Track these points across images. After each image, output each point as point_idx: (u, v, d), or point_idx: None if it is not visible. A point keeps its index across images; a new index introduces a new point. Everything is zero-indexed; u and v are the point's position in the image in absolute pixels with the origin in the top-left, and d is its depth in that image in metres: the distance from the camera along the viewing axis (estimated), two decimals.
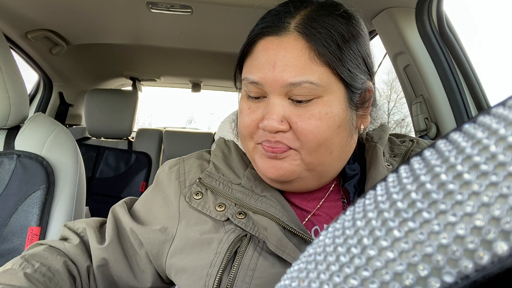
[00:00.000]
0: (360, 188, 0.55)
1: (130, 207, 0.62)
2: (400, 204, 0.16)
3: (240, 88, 0.56)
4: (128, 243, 0.58)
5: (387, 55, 1.24)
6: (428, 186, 0.16)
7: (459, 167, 0.15)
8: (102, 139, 1.98)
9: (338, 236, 0.18)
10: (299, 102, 0.47)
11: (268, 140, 0.48)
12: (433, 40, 1.06)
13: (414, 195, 0.16)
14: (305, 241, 0.49)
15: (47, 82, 1.87)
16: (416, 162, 0.17)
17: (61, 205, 0.83)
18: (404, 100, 1.29)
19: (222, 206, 0.53)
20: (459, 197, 0.15)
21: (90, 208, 1.78)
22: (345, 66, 0.48)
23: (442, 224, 0.15)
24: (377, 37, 1.23)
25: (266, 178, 0.53)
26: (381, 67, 1.32)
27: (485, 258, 0.13)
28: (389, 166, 0.55)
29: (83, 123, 2.17)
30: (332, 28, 0.48)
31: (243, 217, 0.51)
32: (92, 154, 1.88)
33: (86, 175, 1.19)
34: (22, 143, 0.85)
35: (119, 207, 0.61)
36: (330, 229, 0.19)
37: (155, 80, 2.31)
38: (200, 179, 0.57)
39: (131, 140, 2.01)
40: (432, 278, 0.14)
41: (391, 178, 0.18)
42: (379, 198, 0.17)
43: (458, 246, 0.14)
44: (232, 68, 0.57)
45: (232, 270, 0.48)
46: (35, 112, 1.17)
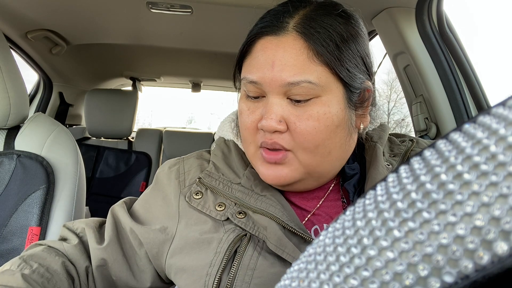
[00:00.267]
0: (359, 188, 0.55)
1: (130, 207, 0.62)
2: (400, 204, 0.16)
3: (240, 88, 0.56)
4: (128, 243, 0.58)
5: (387, 55, 1.24)
6: (428, 186, 0.16)
7: (459, 167, 0.15)
8: (102, 139, 1.98)
9: (338, 236, 0.18)
10: (298, 101, 0.47)
11: (266, 142, 0.48)
12: (433, 40, 1.06)
13: (414, 195, 0.16)
14: (305, 240, 0.49)
15: (47, 82, 1.87)
16: (416, 162, 0.17)
17: (61, 205, 0.83)
18: (404, 100, 1.28)
19: (222, 206, 0.53)
20: (459, 197, 0.15)
21: (90, 208, 1.78)
22: (343, 65, 0.48)
23: (442, 224, 0.15)
24: (377, 37, 1.23)
25: (267, 182, 0.53)
26: (381, 67, 1.32)
27: (485, 258, 0.13)
28: (389, 165, 0.55)
29: (83, 123, 2.17)
30: (330, 27, 0.48)
31: (243, 216, 0.51)
32: (92, 154, 1.88)
33: (86, 175, 1.19)
34: (22, 143, 0.85)
35: (119, 207, 0.60)
36: (330, 229, 0.19)
37: (155, 80, 2.31)
38: (200, 178, 0.57)
39: (131, 140, 2.01)
40: (432, 278, 0.14)
41: (391, 178, 0.18)
42: (379, 198, 0.17)
43: (458, 246, 0.14)
44: (232, 68, 0.57)
45: (232, 270, 0.47)
46: (35, 112, 1.17)
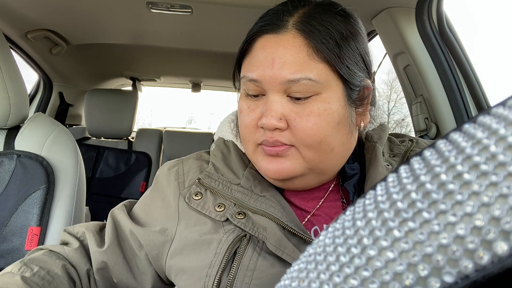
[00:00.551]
0: (359, 188, 0.55)
1: (130, 210, 0.62)
2: (400, 204, 0.16)
3: (239, 88, 0.56)
4: (128, 245, 0.58)
5: (387, 55, 1.24)
6: (428, 186, 0.16)
7: (459, 167, 0.15)
8: (102, 139, 1.98)
9: (338, 236, 0.18)
10: (298, 99, 0.47)
11: (267, 141, 0.48)
12: (433, 40, 1.06)
13: (414, 195, 0.16)
14: (304, 241, 0.49)
15: (47, 82, 1.87)
16: (416, 162, 0.17)
17: (61, 205, 0.83)
18: (404, 100, 1.28)
19: (222, 207, 0.53)
20: (459, 197, 0.15)
21: (90, 208, 1.78)
22: (343, 62, 0.48)
23: (442, 224, 0.15)
24: (377, 37, 1.23)
25: (268, 177, 0.53)
26: (381, 67, 1.32)
27: (485, 258, 0.13)
28: (388, 166, 0.55)
29: (83, 123, 2.17)
30: (330, 25, 0.48)
31: (242, 217, 0.51)
32: (92, 154, 1.88)
33: (86, 175, 1.19)
34: (22, 143, 0.85)
35: (118, 210, 0.60)
36: (330, 229, 0.19)
37: (155, 80, 2.31)
38: (199, 179, 0.57)
39: (131, 140, 2.01)
40: (432, 278, 0.14)
41: (391, 178, 0.18)
42: (379, 198, 0.17)
43: (458, 246, 0.14)
44: (232, 68, 0.57)
45: (232, 271, 0.47)
46: (35, 112, 1.17)
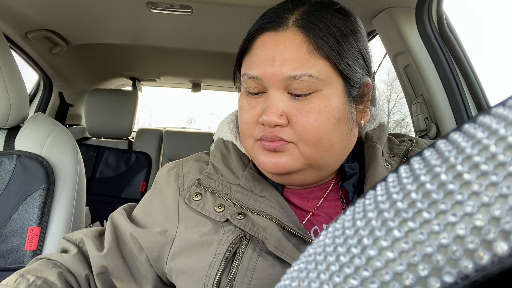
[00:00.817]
0: (359, 188, 0.55)
1: (130, 214, 0.62)
2: (400, 204, 0.16)
3: (240, 87, 0.56)
4: (128, 249, 0.57)
5: (387, 55, 1.24)
6: (428, 186, 0.16)
7: (459, 167, 0.15)
8: (102, 139, 1.98)
9: (338, 236, 0.18)
10: (298, 96, 0.48)
11: (266, 136, 0.48)
12: (433, 40, 1.06)
13: (414, 195, 0.16)
14: (304, 241, 0.49)
15: (47, 82, 1.87)
16: (416, 162, 0.17)
17: (61, 205, 0.83)
18: (404, 100, 1.28)
19: (221, 207, 0.53)
20: (459, 197, 0.15)
21: (90, 208, 1.78)
22: (343, 59, 0.48)
23: (442, 224, 0.15)
24: (377, 37, 1.23)
25: (266, 172, 0.53)
26: (381, 67, 1.32)
27: (485, 258, 0.13)
28: (388, 166, 0.55)
29: (83, 123, 2.17)
30: (330, 23, 0.48)
31: (242, 217, 0.51)
32: (92, 154, 1.88)
33: (86, 175, 1.19)
34: (22, 143, 0.85)
35: (118, 214, 0.60)
36: (330, 229, 0.19)
37: (155, 80, 2.31)
38: (199, 180, 0.57)
39: (131, 140, 2.01)
40: (432, 278, 0.14)
41: (391, 178, 0.18)
42: (379, 198, 0.17)
43: (458, 246, 0.14)
44: (232, 68, 0.57)
45: (231, 271, 0.47)
46: (35, 112, 1.17)
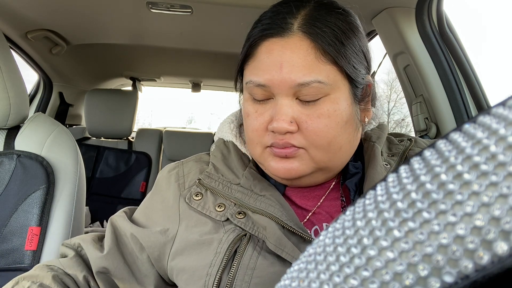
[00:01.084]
0: (360, 187, 0.55)
1: (130, 216, 0.62)
2: (400, 204, 0.16)
3: (241, 89, 0.56)
4: (128, 249, 0.57)
5: (387, 55, 1.24)
6: (428, 186, 0.16)
7: (459, 167, 0.15)
8: (102, 139, 1.98)
9: (338, 236, 0.18)
10: (307, 101, 0.48)
11: (277, 143, 0.48)
12: (433, 40, 1.06)
13: (414, 195, 0.16)
14: (304, 240, 0.49)
15: (47, 82, 1.87)
16: (416, 162, 0.17)
17: (61, 205, 0.83)
18: (404, 100, 1.28)
19: (222, 206, 0.53)
20: (459, 197, 0.15)
21: (90, 208, 1.78)
22: (350, 63, 0.48)
23: (442, 224, 0.15)
24: (377, 37, 1.23)
25: (276, 177, 0.53)
26: (381, 67, 1.32)
27: (485, 258, 0.13)
28: (387, 165, 0.55)
29: (83, 123, 2.17)
30: (335, 26, 0.48)
31: (242, 216, 0.51)
32: (92, 154, 1.88)
33: (86, 175, 1.19)
34: (22, 143, 0.85)
35: (117, 216, 0.61)
36: (330, 229, 0.19)
37: (155, 80, 2.31)
38: (199, 179, 0.57)
39: (131, 140, 2.01)
40: (432, 278, 0.14)
41: (391, 178, 0.18)
42: (379, 198, 0.17)
43: (458, 246, 0.14)
44: (232, 68, 0.57)
45: (232, 270, 0.47)
46: (35, 112, 1.16)
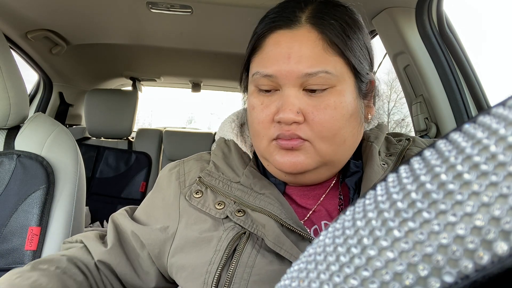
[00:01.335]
0: (359, 186, 0.56)
1: (131, 215, 0.62)
2: (400, 204, 0.16)
3: (246, 86, 0.56)
4: (130, 246, 0.58)
5: (387, 55, 1.24)
6: (428, 186, 0.16)
7: (459, 167, 0.15)
8: (102, 139, 1.98)
9: (338, 236, 0.18)
10: (314, 92, 0.48)
11: (283, 134, 0.49)
12: (433, 40, 1.06)
13: (414, 195, 0.16)
14: (303, 238, 0.49)
15: (47, 82, 1.87)
16: (416, 162, 0.17)
17: (61, 205, 0.83)
18: (404, 100, 1.28)
19: (222, 204, 0.53)
20: (459, 197, 0.15)
21: (90, 208, 1.78)
22: (355, 56, 0.49)
23: (442, 224, 0.15)
24: (377, 37, 1.23)
25: (280, 173, 0.53)
26: (381, 67, 1.32)
27: (485, 258, 0.13)
28: (384, 165, 0.56)
29: (83, 123, 2.17)
30: (341, 19, 0.50)
31: (242, 214, 0.51)
32: (92, 154, 1.88)
33: (86, 175, 1.19)
34: (22, 143, 0.85)
35: (119, 214, 0.61)
36: (330, 229, 0.19)
37: (155, 80, 2.31)
38: (200, 177, 0.57)
39: (131, 140, 2.01)
40: (432, 278, 0.14)
41: (391, 178, 0.18)
42: (379, 198, 0.17)
43: (458, 246, 0.14)
44: (232, 68, 0.58)
45: (231, 267, 0.48)
46: (35, 112, 1.16)
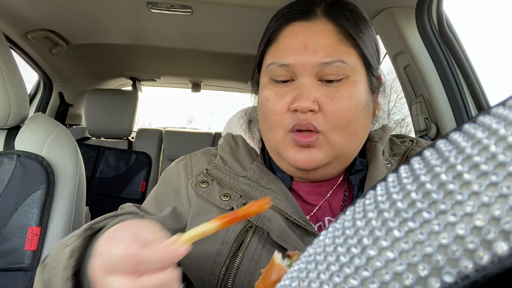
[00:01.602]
0: (363, 184, 0.56)
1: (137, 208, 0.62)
2: (400, 204, 0.16)
3: (257, 82, 0.57)
4: None
5: (387, 55, 1.24)
6: (428, 186, 0.16)
7: (459, 167, 0.15)
8: (102, 139, 1.98)
9: (338, 236, 0.18)
10: (329, 82, 0.49)
11: (299, 124, 0.49)
12: (433, 40, 1.06)
13: (414, 195, 0.16)
14: (308, 232, 0.50)
15: (47, 82, 1.87)
16: (416, 162, 0.17)
17: (61, 205, 0.83)
18: (404, 100, 1.28)
19: (227, 196, 0.54)
20: (459, 197, 0.15)
21: (90, 208, 1.77)
22: (368, 49, 0.52)
23: (442, 224, 0.15)
24: (377, 37, 1.23)
25: (293, 169, 0.53)
26: (381, 67, 1.31)
27: (485, 258, 0.13)
28: (388, 164, 0.57)
29: (83, 123, 2.17)
30: (355, 14, 0.52)
31: None
32: (92, 154, 1.88)
33: (86, 175, 1.19)
34: (22, 143, 0.85)
35: (126, 205, 0.59)
36: (330, 229, 0.19)
37: (155, 80, 2.30)
38: (207, 169, 0.58)
39: (131, 140, 2.01)
40: (432, 278, 0.14)
41: (391, 178, 0.18)
42: (379, 198, 0.17)
43: (458, 246, 0.14)
44: (232, 68, 0.58)
45: (237, 260, 0.49)
46: (35, 112, 1.16)
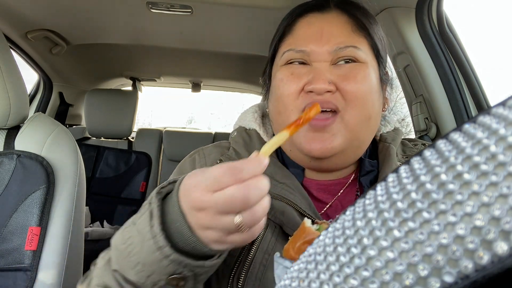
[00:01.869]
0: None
1: None
2: (400, 204, 0.16)
3: (269, 74, 0.60)
4: None
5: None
6: (428, 186, 0.16)
7: (459, 167, 0.15)
8: (102, 139, 1.98)
9: (338, 236, 0.18)
10: (344, 63, 0.52)
11: (317, 99, 0.51)
12: (433, 40, 1.06)
13: (414, 195, 0.16)
14: None
15: (47, 82, 1.87)
16: (416, 162, 0.17)
17: (61, 205, 0.83)
18: (404, 100, 1.28)
19: None
20: (459, 197, 0.15)
21: (90, 208, 1.78)
22: (378, 41, 0.56)
23: (442, 224, 0.15)
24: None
25: (305, 158, 0.54)
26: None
27: (485, 258, 0.13)
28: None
29: (83, 123, 2.17)
30: (364, 9, 0.57)
31: None
32: (92, 154, 1.88)
33: (86, 175, 1.19)
34: (22, 143, 0.85)
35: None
36: (330, 229, 0.19)
37: (155, 80, 2.30)
38: (221, 160, 0.59)
39: (131, 140, 2.01)
40: (432, 278, 0.14)
41: (391, 178, 0.18)
42: (379, 198, 0.17)
43: (458, 246, 0.14)
44: (232, 68, 0.59)
45: (251, 252, 0.50)
46: (35, 112, 1.16)
